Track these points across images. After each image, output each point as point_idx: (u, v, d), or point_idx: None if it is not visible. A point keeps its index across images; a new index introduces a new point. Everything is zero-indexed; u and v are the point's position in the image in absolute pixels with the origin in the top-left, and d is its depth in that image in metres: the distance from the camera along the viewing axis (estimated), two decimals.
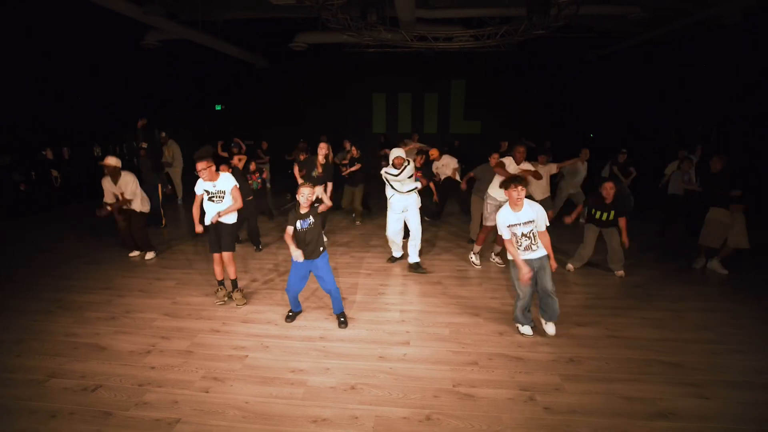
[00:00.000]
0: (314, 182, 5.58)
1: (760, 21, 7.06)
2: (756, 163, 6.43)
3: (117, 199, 4.99)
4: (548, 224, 3.22)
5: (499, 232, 3.28)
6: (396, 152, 4.57)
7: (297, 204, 3.33)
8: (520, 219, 3.18)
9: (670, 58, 9.93)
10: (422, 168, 6.04)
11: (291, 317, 3.63)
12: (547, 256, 3.24)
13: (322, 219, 3.44)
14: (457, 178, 6.60)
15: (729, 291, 4.33)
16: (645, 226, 6.61)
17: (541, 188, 5.76)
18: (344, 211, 7.45)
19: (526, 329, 3.41)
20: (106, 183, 4.94)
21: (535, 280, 3.25)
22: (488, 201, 4.83)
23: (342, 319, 3.55)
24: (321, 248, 3.40)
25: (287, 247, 3.34)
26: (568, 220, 4.66)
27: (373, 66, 12.36)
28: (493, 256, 5.09)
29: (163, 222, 6.69)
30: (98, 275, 4.69)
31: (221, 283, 4.00)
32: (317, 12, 5.67)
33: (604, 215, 4.45)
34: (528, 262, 3.21)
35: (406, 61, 12.09)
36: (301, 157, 6.63)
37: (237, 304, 3.91)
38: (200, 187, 3.87)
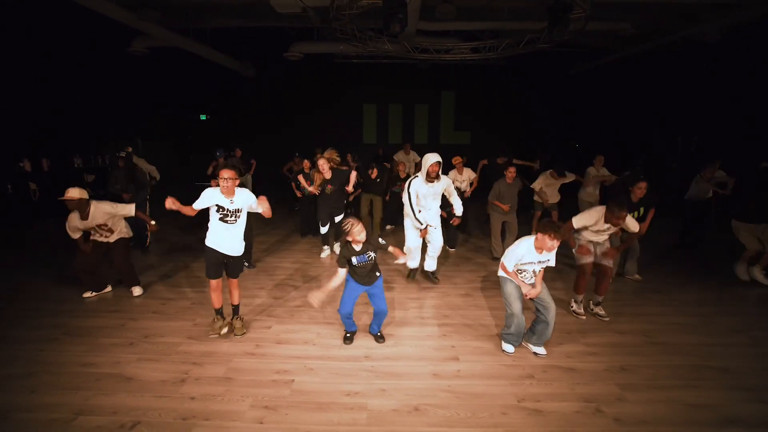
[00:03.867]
0: (329, 194, 5.39)
1: (737, 39, 7.58)
2: (735, 171, 6.79)
3: (97, 234, 4.07)
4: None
5: (505, 260, 3.12)
6: (432, 158, 4.06)
7: (347, 242, 3.09)
8: (537, 258, 3.05)
9: (652, 72, 10.49)
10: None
11: (350, 338, 3.40)
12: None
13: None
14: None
15: (747, 295, 4.49)
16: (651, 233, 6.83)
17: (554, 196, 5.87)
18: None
19: (509, 348, 3.25)
20: (74, 221, 3.97)
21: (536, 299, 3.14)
22: (574, 236, 3.93)
23: (380, 334, 3.46)
24: (377, 273, 3.25)
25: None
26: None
27: (364, 76, 12.35)
28: (592, 306, 3.99)
29: (148, 242, 6.05)
30: (101, 297, 4.31)
31: (219, 312, 3.48)
32: (327, 23, 5.58)
33: (635, 213, 4.37)
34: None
35: (396, 72, 12.17)
36: (306, 168, 6.41)
37: (236, 334, 3.45)
38: (210, 200, 3.21)
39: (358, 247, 3.08)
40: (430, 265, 4.69)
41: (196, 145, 12.84)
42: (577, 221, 3.77)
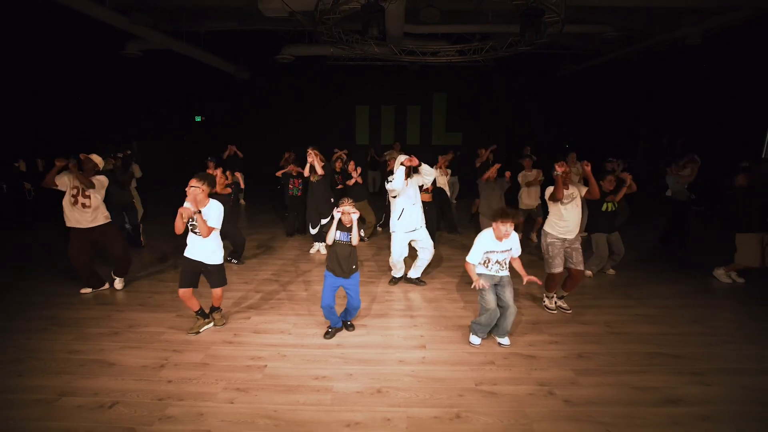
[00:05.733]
0: (317, 183, 5.58)
1: (717, 42, 7.76)
2: (718, 172, 6.94)
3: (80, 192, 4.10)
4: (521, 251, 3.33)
5: (470, 256, 3.24)
6: (401, 157, 4.21)
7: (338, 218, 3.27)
8: (499, 247, 3.20)
9: (638, 75, 10.67)
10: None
11: (330, 333, 3.46)
12: (509, 275, 3.30)
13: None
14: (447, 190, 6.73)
15: (717, 289, 4.67)
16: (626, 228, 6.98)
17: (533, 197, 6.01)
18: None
19: (476, 339, 3.38)
20: (65, 177, 4.13)
21: (497, 295, 3.27)
22: (548, 240, 3.90)
23: (349, 323, 3.64)
24: (354, 266, 3.35)
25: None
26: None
27: (357, 78, 12.55)
28: (556, 299, 4.07)
29: (142, 241, 6.19)
30: (98, 293, 4.45)
31: (200, 312, 3.53)
32: (313, 26, 5.76)
33: (610, 205, 4.63)
34: (490, 277, 3.26)
35: (388, 74, 12.36)
36: (293, 172, 6.62)
37: (216, 325, 3.62)
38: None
39: (346, 225, 3.28)
40: (415, 273, 4.70)
41: (191, 147, 13.03)
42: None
